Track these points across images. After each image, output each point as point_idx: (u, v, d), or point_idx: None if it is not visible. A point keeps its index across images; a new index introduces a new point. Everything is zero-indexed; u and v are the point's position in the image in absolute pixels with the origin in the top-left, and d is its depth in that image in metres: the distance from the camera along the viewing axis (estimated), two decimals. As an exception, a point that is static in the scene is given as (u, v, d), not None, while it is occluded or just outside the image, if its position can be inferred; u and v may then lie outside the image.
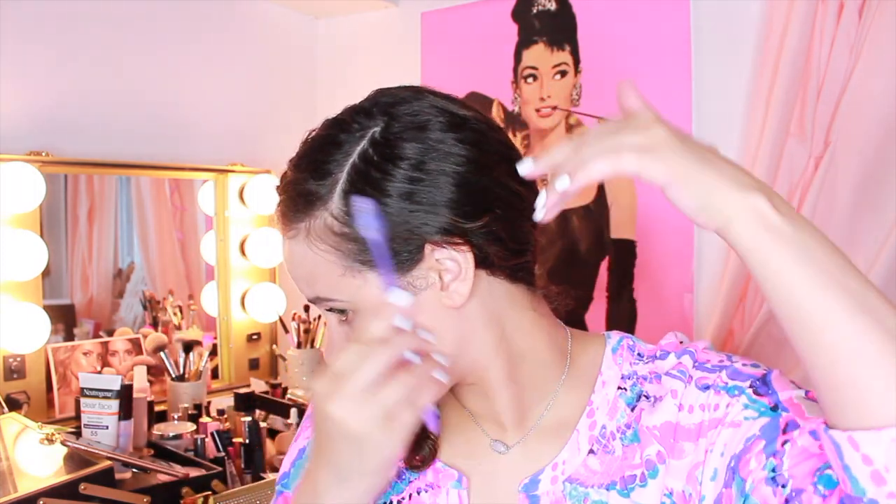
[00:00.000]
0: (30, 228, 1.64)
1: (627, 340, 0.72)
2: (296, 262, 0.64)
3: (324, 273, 0.62)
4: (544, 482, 0.66)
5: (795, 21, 1.48)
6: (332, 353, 0.64)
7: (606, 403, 0.67)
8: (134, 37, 1.88)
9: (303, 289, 0.65)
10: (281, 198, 0.65)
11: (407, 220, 0.60)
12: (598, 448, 0.66)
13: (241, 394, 1.82)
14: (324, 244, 0.61)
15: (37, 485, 1.14)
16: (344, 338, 0.65)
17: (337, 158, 0.61)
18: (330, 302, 0.63)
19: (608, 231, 1.82)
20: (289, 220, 0.64)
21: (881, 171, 1.46)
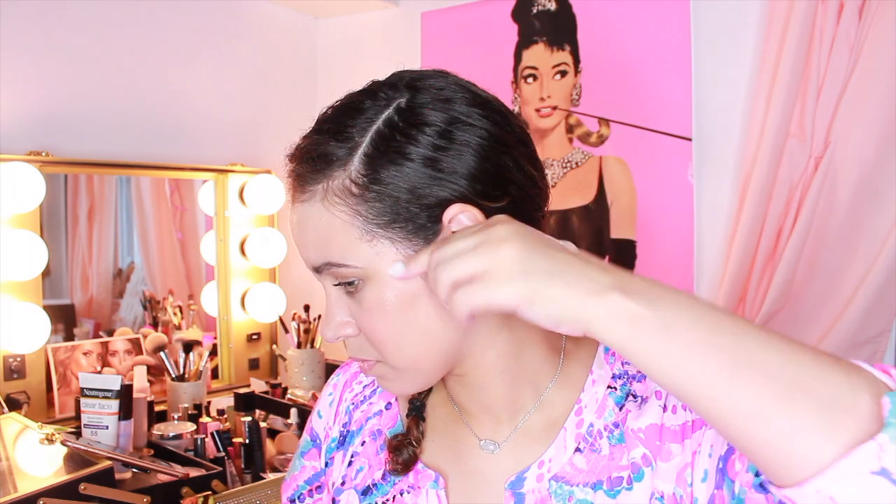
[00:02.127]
0: (30, 228, 1.64)
1: None
2: (308, 227, 0.62)
3: (339, 236, 0.60)
4: (530, 480, 0.65)
5: (795, 21, 1.48)
6: (329, 328, 0.64)
7: (595, 402, 0.67)
8: (134, 37, 1.89)
9: (310, 256, 0.63)
10: (295, 162, 0.64)
11: (428, 186, 0.59)
12: (584, 446, 0.65)
13: (241, 394, 1.82)
14: (342, 206, 0.60)
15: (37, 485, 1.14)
16: (345, 312, 0.63)
17: (360, 123, 0.61)
18: (341, 268, 0.61)
19: (608, 231, 1.82)
20: (304, 182, 0.62)
21: (881, 171, 1.46)
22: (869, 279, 1.47)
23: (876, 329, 1.50)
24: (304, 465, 0.81)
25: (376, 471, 0.73)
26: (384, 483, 0.72)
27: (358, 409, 0.79)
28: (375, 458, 0.74)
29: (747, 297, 1.59)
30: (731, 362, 0.46)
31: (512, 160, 0.62)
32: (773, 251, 1.57)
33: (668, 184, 1.72)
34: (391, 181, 0.59)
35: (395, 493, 0.71)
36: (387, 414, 0.76)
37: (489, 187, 0.61)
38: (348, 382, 0.81)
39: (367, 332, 0.62)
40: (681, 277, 1.71)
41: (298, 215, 0.63)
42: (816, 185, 1.51)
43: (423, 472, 0.70)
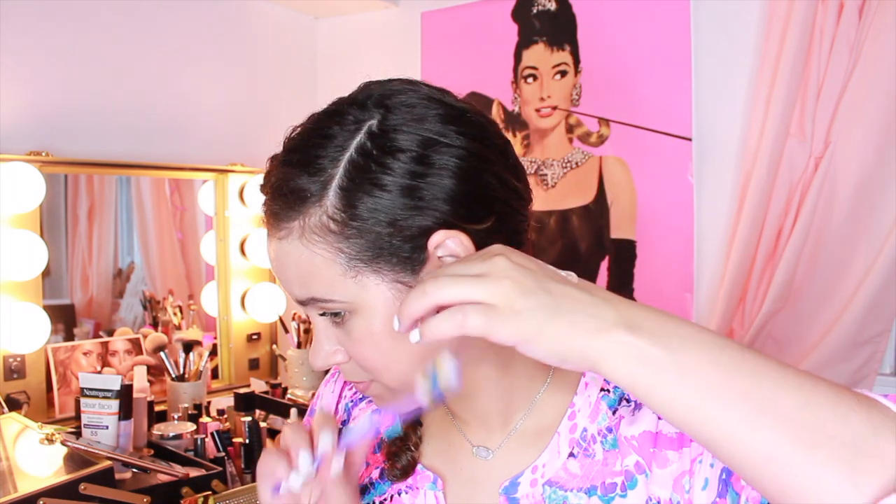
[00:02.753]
0: (30, 228, 1.64)
1: None
2: (288, 263, 0.60)
3: (321, 273, 0.58)
4: (524, 485, 0.65)
5: (795, 21, 1.48)
6: (319, 357, 0.63)
7: (588, 406, 0.66)
8: (134, 37, 1.88)
9: (293, 290, 0.61)
10: (268, 197, 0.61)
11: (409, 216, 0.57)
12: (578, 451, 0.64)
13: (241, 394, 1.82)
14: (322, 243, 0.58)
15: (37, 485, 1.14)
16: (334, 341, 0.62)
17: (330, 153, 0.58)
18: (326, 303, 0.59)
19: (608, 231, 1.82)
20: (279, 220, 0.59)
21: (881, 171, 1.46)
22: (869, 279, 1.47)
23: (876, 329, 1.50)
24: None
25: (373, 469, 0.73)
26: (381, 482, 0.71)
27: (357, 407, 0.78)
28: (373, 457, 0.73)
29: (747, 297, 1.59)
30: (753, 408, 0.44)
31: (493, 176, 0.60)
32: (773, 251, 1.57)
33: (668, 184, 1.72)
34: (370, 216, 0.57)
35: (393, 493, 0.70)
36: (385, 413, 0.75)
37: (473, 209, 0.59)
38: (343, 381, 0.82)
39: (358, 360, 0.62)
40: (681, 277, 1.71)
41: (276, 252, 0.61)
42: (816, 185, 1.51)
43: (421, 473, 0.70)
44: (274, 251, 0.61)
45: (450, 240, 0.58)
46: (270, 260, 0.63)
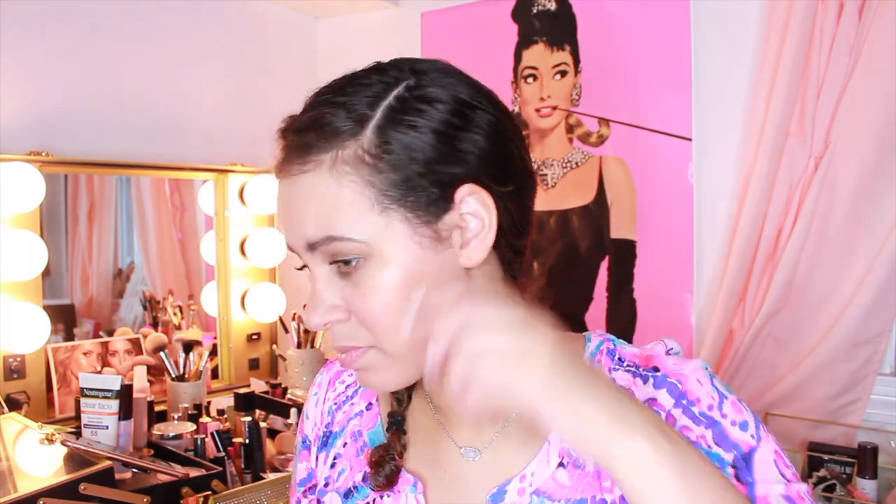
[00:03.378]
0: (30, 228, 1.64)
1: (608, 344, 0.69)
2: (309, 198, 0.59)
3: (347, 208, 0.57)
4: (511, 493, 0.63)
5: (795, 21, 1.48)
6: (317, 313, 0.60)
7: None
8: (134, 37, 1.88)
9: (306, 231, 0.59)
10: (293, 133, 0.61)
11: (443, 161, 0.58)
12: (568, 461, 0.63)
13: (241, 394, 1.82)
14: (353, 175, 0.57)
15: (37, 485, 1.14)
16: (336, 295, 0.60)
17: (369, 98, 0.59)
18: (344, 243, 0.58)
19: (608, 231, 1.82)
20: (308, 152, 0.59)
21: (881, 171, 1.46)
22: (869, 279, 1.47)
23: (876, 329, 1.50)
24: (299, 466, 0.80)
25: (357, 473, 0.72)
26: (364, 485, 0.70)
27: (340, 410, 0.77)
28: (356, 460, 0.72)
29: (747, 297, 1.59)
30: None
31: (515, 149, 0.63)
32: (773, 251, 1.57)
33: (668, 184, 1.72)
34: (405, 153, 0.58)
35: (375, 497, 0.69)
36: (367, 415, 0.75)
37: (500, 170, 0.61)
38: (332, 381, 0.80)
39: (364, 314, 0.59)
40: (681, 277, 1.71)
41: (295, 188, 0.60)
42: (816, 185, 1.51)
43: (402, 476, 0.69)
44: (294, 187, 0.60)
45: (474, 196, 0.59)
46: (284, 201, 0.61)
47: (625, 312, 1.79)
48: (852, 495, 1.43)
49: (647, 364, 0.66)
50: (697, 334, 1.70)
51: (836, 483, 1.46)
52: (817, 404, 1.56)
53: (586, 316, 1.84)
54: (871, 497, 1.42)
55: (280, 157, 0.62)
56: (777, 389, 1.59)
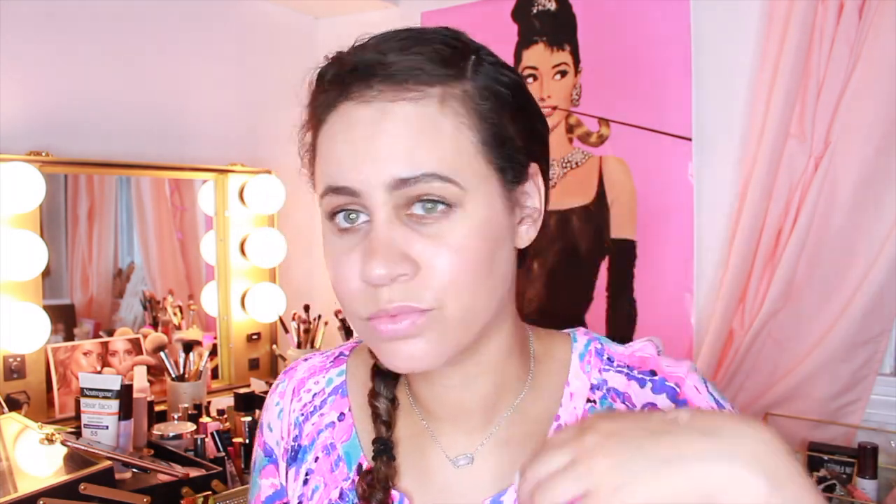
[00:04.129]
0: (30, 228, 1.64)
1: (595, 344, 0.67)
2: (410, 129, 0.53)
3: (451, 146, 0.53)
4: (507, 501, 0.62)
5: (795, 21, 1.48)
6: (385, 263, 0.53)
7: (574, 418, 0.63)
8: (134, 37, 1.88)
9: (400, 163, 0.53)
10: (379, 58, 0.55)
11: (529, 134, 0.59)
12: None
13: (241, 394, 1.82)
14: (464, 117, 0.54)
15: (37, 485, 1.14)
16: (406, 246, 0.54)
17: (463, 45, 0.57)
18: (444, 183, 0.53)
19: (608, 231, 1.82)
20: (413, 80, 0.53)
21: (881, 171, 1.46)
22: (869, 279, 1.47)
23: (876, 329, 1.50)
24: (262, 483, 0.72)
25: (332, 490, 0.67)
26: (341, 502, 0.66)
27: (308, 422, 0.71)
28: (330, 476, 0.67)
29: (747, 297, 1.59)
30: None
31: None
32: (773, 251, 1.57)
33: (668, 184, 1.72)
34: (506, 112, 0.57)
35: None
36: (340, 426, 0.69)
37: (547, 159, 0.63)
38: (296, 391, 0.73)
39: (441, 270, 0.54)
40: (681, 277, 1.71)
41: (392, 115, 0.53)
42: (816, 185, 1.51)
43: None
44: (382, 115, 0.54)
45: (538, 177, 0.60)
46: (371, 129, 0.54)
47: (625, 312, 1.79)
48: (852, 495, 1.42)
49: (642, 366, 0.65)
50: (697, 334, 1.70)
51: (836, 483, 1.46)
52: (817, 404, 1.56)
53: (586, 316, 1.84)
54: (871, 497, 1.42)
55: (348, 81, 0.55)
56: (777, 389, 1.59)
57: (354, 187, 0.54)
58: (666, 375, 0.64)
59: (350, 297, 0.56)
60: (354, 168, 0.54)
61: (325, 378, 0.72)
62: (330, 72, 0.58)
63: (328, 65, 0.59)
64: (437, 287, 0.54)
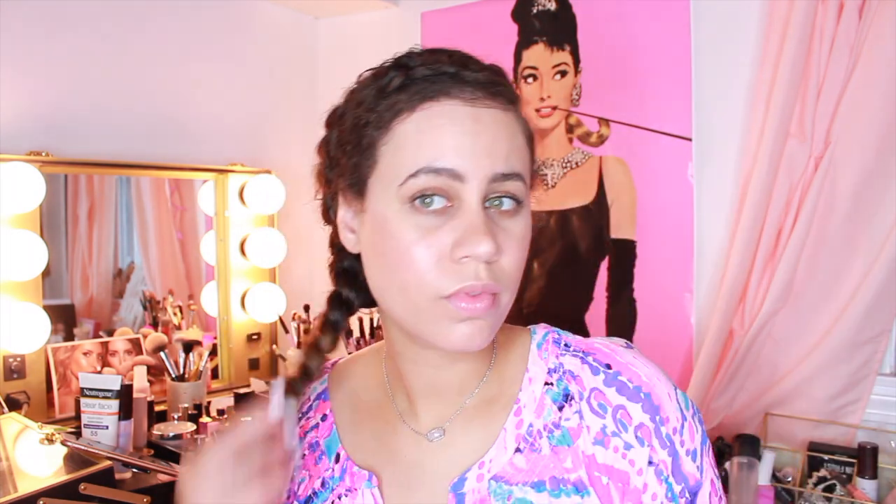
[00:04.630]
0: (30, 228, 1.64)
1: (553, 334, 0.72)
2: (506, 134, 0.62)
3: (525, 154, 0.64)
4: (470, 480, 0.65)
5: (795, 21, 1.48)
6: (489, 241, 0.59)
7: (533, 401, 0.67)
8: (134, 37, 1.89)
9: (502, 159, 0.61)
10: (476, 72, 0.63)
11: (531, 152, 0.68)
12: (524, 446, 0.65)
13: (241, 394, 1.82)
14: (527, 133, 0.66)
15: (37, 485, 1.14)
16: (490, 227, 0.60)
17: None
18: (522, 184, 0.63)
19: (608, 231, 1.82)
20: (498, 94, 0.63)
21: (881, 170, 1.46)
22: (869, 279, 1.47)
23: (876, 329, 1.50)
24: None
25: (315, 480, 0.72)
26: (323, 490, 0.71)
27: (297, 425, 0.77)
28: (314, 469, 0.73)
29: (747, 297, 1.59)
30: None
31: None
32: (773, 251, 1.57)
33: (668, 184, 1.72)
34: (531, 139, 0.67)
35: (334, 499, 0.70)
36: (323, 426, 0.75)
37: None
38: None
39: (510, 258, 0.62)
40: (681, 277, 1.71)
41: (491, 117, 0.62)
42: (816, 185, 1.51)
43: (357, 474, 0.70)
44: (485, 116, 0.62)
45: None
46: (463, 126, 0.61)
47: (625, 312, 1.79)
48: (852, 495, 1.43)
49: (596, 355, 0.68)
50: (697, 334, 1.70)
51: (836, 483, 1.46)
52: (817, 404, 1.56)
53: (586, 316, 1.84)
54: (871, 497, 1.42)
55: (450, 80, 0.62)
56: (777, 389, 1.59)
57: (460, 171, 0.60)
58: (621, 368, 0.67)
59: (429, 273, 0.60)
60: (463, 156, 0.60)
61: (313, 385, 0.79)
62: (398, 77, 0.63)
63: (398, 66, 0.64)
64: (507, 273, 0.62)
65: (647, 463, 0.63)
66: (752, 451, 1.49)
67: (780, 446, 1.58)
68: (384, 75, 0.64)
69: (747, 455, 1.45)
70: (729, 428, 1.64)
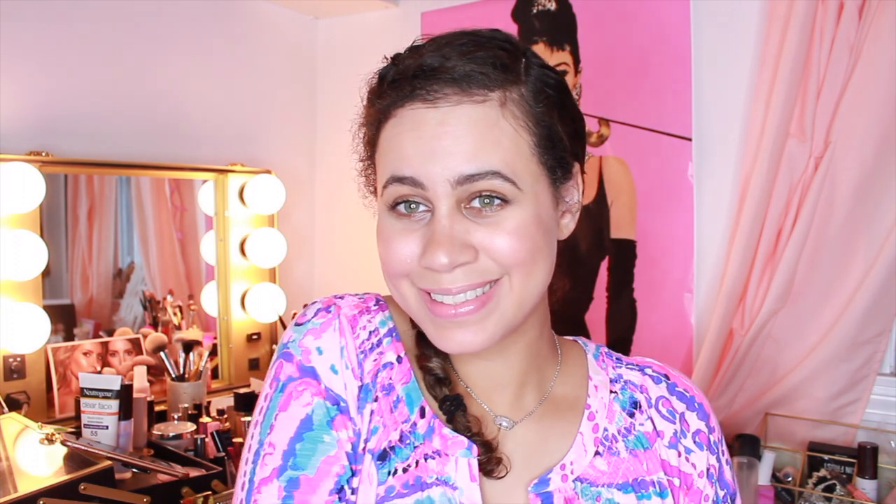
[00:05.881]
0: (30, 228, 1.64)
1: (603, 348, 0.76)
2: (474, 129, 0.58)
3: (510, 147, 0.59)
4: (554, 480, 0.66)
5: (795, 21, 1.48)
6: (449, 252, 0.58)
7: (603, 407, 0.70)
8: (134, 37, 1.88)
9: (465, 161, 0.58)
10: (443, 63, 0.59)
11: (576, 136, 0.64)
12: (603, 450, 0.68)
13: (241, 394, 1.82)
14: (522, 119, 0.60)
15: (37, 485, 1.14)
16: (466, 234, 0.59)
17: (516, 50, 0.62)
18: (503, 182, 0.58)
19: (608, 231, 1.82)
20: (476, 84, 0.58)
21: (881, 170, 1.46)
22: (869, 279, 1.47)
23: (876, 329, 1.50)
24: (340, 437, 0.64)
25: (392, 432, 0.64)
26: (403, 446, 0.64)
27: (368, 359, 0.67)
28: (390, 417, 0.65)
29: (747, 297, 1.59)
30: None
31: None
32: (773, 251, 1.57)
33: (668, 184, 1.72)
34: (556, 114, 0.62)
35: (418, 458, 0.63)
36: (399, 368, 0.67)
37: (585, 148, 0.69)
38: (353, 326, 0.68)
39: (498, 249, 0.59)
40: (681, 277, 1.71)
41: (455, 116, 0.58)
42: (816, 185, 1.51)
43: (452, 438, 0.64)
44: (448, 116, 0.58)
45: (580, 175, 0.66)
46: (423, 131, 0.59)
47: (625, 312, 1.79)
48: (852, 495, 1.43)
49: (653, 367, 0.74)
50: (697, 334, 1.70)
51: (836, 483, 1.46)
52: (817, 404, 1.56)
53: (586, 316, 1.84)
54: (871, 497, 1.42)
55: (414, 84, 0.59)
56: (777, 389, 1.59)
57: (420, 180, 0.59)
58: (677, 381, 0.73)
59: (403, 269, 0.62)
60: (421, 163, 0.59)
61: (375, 319, 0.69)
62: (391, 73, 0.62)
63: (389, 66, 0.63)
64: (500, 260, 0.60)
65: (705, 467, 0.69)
66: (752, 451, 1.49)
67: (780, 446, 1.58)
68: (381, 73, 0.65)
69: (747, 455, 1.46)
70: (729, 428, 1.64)
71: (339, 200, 2.28)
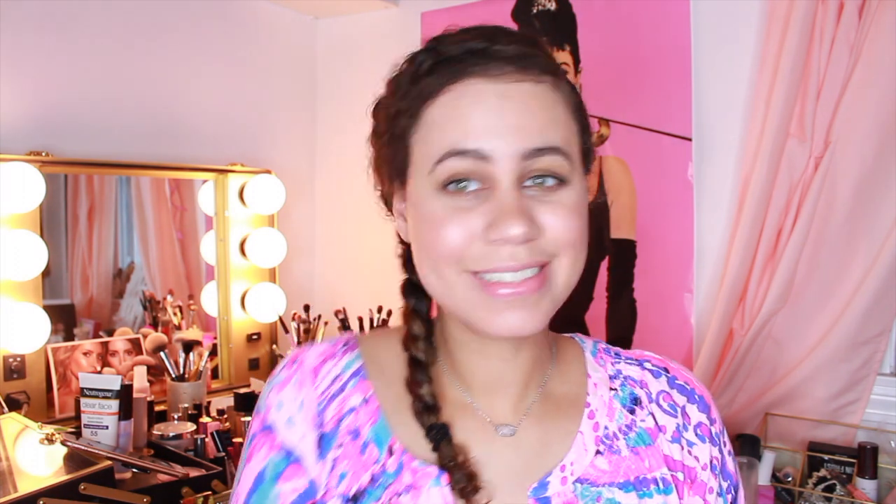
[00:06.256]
0: (30, 228, 1.64)
1: (600, 344, 0.75)
2: (538, 106, 0.59)
3: (566, 125, 0.62)
4: (553, 484, 0.65)
5: (795, 21, 1.48)
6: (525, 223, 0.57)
7: (603, 405, 0.69)
8: (134, 37, 1.88)
9: (534, 135, 0.58)
10: (504, 43, 0.62)
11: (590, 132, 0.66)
12: (604, 448, 0.67)
13: (241, 394, 1.82)
14: (569, 104, 0.63)
15: (37, 485, 1.14)
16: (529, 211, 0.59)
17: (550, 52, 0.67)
18: (563, 158, 0.60)
19: (608, 231, 1.82)
20: (530, 66, 0.61)
21: (881, 171, 1.46)
22: (869, 279, 1.47)
23: (876, 329, 1.50)
24: (283, 490, 0.65)
25: (363, 474, 0.64)
26: (374, 487, 0.64)
27: (330, 407, 0.67)
28: (359, 461, 0.65)
29: (747, 297, 1.59)
30: None
31: None
32: (773, 251, 1.57)
33: (668, 184, 1.72)
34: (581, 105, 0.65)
35: (391, 496, 0.63)
36: (364, 410, 0.67)
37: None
38: (314, 376, 0.68)
39: (561, 232, 0.60)
40: (681, 277, 1.71)
41: (520, 92, 0.59)
42: (816, 185, 1.51)
43: (420, 470, 0.63)
44: (514, 92, 0.59)
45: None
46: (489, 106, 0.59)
47: (625, 312, 1.79)
48: (852, 495, 1.43)
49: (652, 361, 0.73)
50: (697, 334, 1.70)
51: (836, 483, 1.46)
52: (817, 404, 1.56)
53: (586, 316, 1.84)
54: (871, 497, 1.42)
55: (466, 62, 0.61)
56: (777, 389, 1.59)
57: (485, 152, 0.58)
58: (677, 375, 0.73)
59: (459, 249, 0.59)
60: (487, 137, 0.58)
61: (340, 363, 0.69)
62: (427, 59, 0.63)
63: (428, 49, 0.64)
64: (558, 240, 0.60)
65: (709, 459, 0.68)
66: (752, 450, 1.49)
67: (780, 446, 1.58)
68: (415, 60, 0.64)
69: (747, 455, 1.46)
70: (729, 428, 1.63)
71: (339, 200, 2.28)
